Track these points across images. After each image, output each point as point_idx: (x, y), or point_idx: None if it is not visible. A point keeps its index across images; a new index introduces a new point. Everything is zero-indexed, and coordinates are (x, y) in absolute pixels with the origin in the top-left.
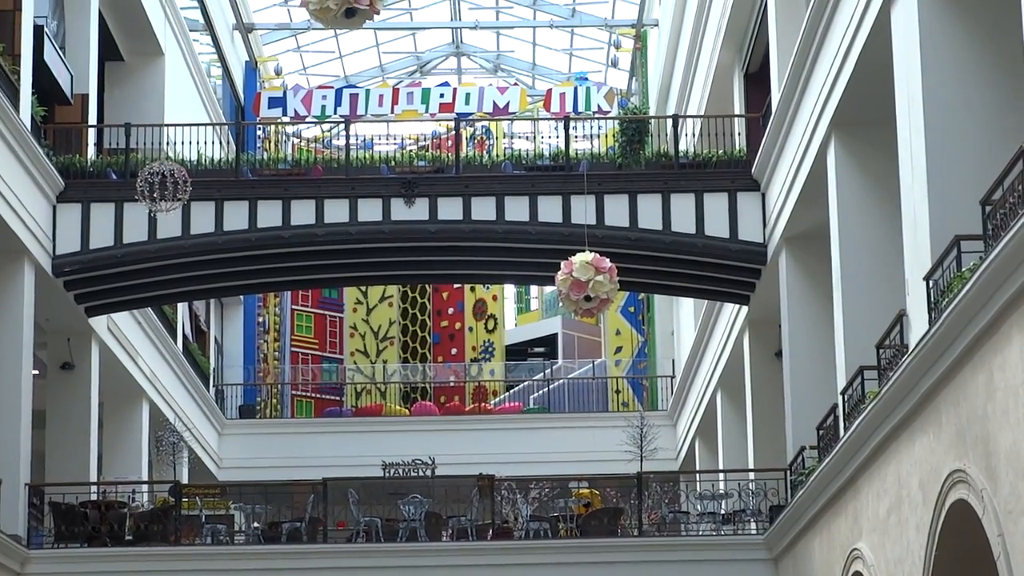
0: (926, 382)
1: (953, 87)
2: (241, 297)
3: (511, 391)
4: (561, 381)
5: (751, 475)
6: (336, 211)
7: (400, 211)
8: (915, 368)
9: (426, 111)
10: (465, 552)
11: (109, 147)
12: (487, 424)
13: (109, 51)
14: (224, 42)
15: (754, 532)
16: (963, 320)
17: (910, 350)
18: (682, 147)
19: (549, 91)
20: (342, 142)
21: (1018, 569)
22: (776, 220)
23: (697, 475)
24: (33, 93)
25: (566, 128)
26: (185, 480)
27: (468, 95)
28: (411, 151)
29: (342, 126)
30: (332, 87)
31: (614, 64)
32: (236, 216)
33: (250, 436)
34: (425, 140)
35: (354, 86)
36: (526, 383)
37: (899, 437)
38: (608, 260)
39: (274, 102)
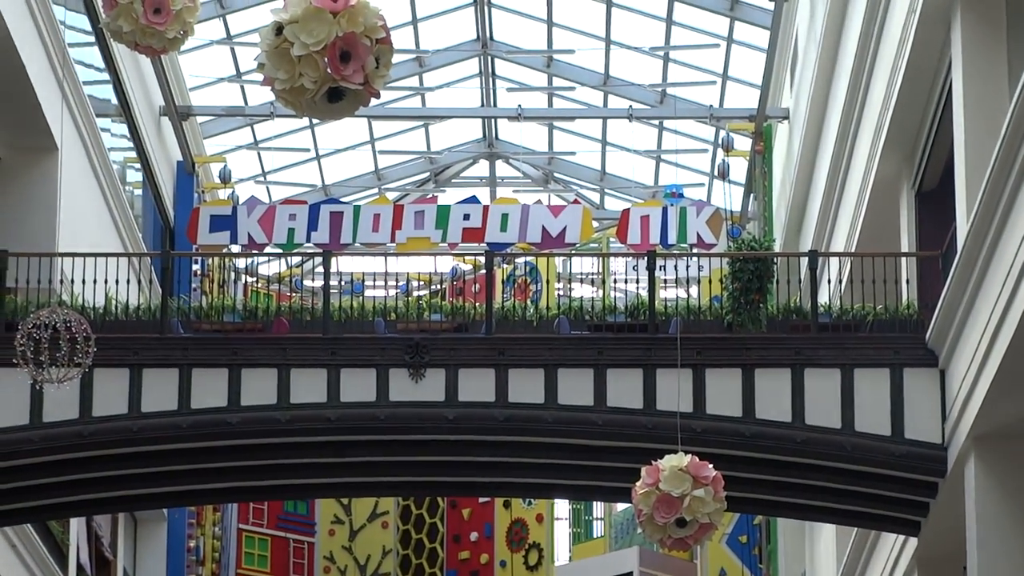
0: None
1: None
2: (164, 511)
3: None
4: None
5: None
6: (309, 386)
7: (403, 388)
8: None
9: (443, 240)
10: None
11: None
12: None
13: None
14: (148, 133)
15: None
16: None
17: None
18: (823, 299)
19: (626, 212)
20: (319, 283)
21: None
22: (963, 410)
23: None
24: None
25: (651, 269)
26: None
27: (505, 217)
28: (420, 299)
29: (319, 260)
30: (305, 202)
31: (723, 175)
32: (161, 391)
33: None
34: (441, 282)
35: (337, 200)
36: None
37: None
38: (711, 466)
39: (219, 223)
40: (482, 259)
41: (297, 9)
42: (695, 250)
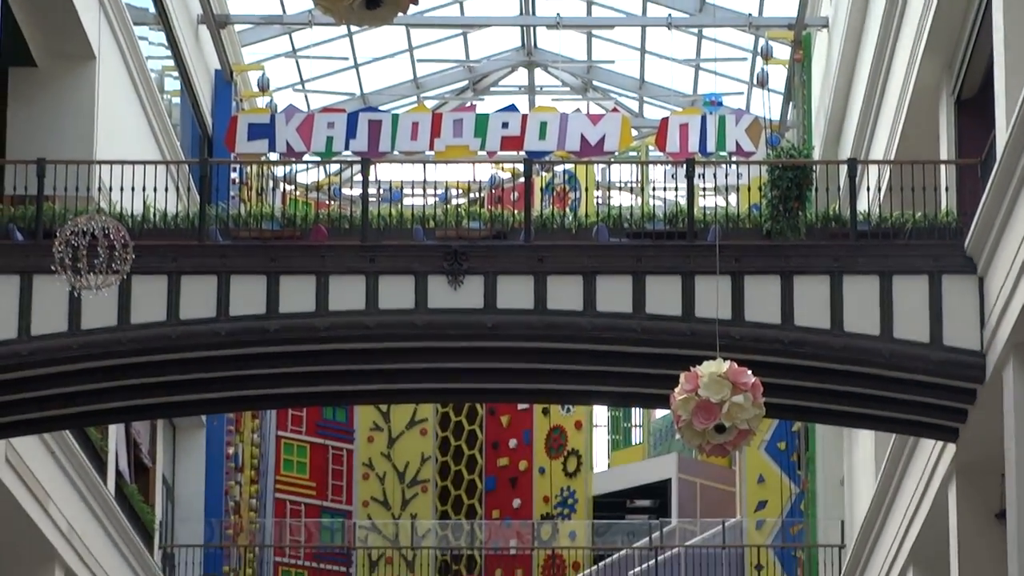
0: None
1: None
2: (203, 418)
3: (602, 563)
4: (676, 550)
5: None
6: (347, 294)
7: (442, 295)
8: None
9: (482, 148)
10: None
11: (13, 193)
12: None
13: (15, 52)
14: (185, 42)
15: None
16: None
17: None
18: (862, 207)
19: (664, 121)
20: (357, 191)
21: None
22: (1001, 317)
23: None
24: None
25: (690, 176)
26: None
27: (544, 125)
28: (459, 207)
29: (357, 168)
30: (343, 110)
31: (762, 83)
32: (199, 299)
33: None
34: (480, 190)
35: (375, 109)
36: (623, 552)
37: None
38: (750, 373)
39: (257, 131)
40: (520, 167)
41: None
42: (734, 158)
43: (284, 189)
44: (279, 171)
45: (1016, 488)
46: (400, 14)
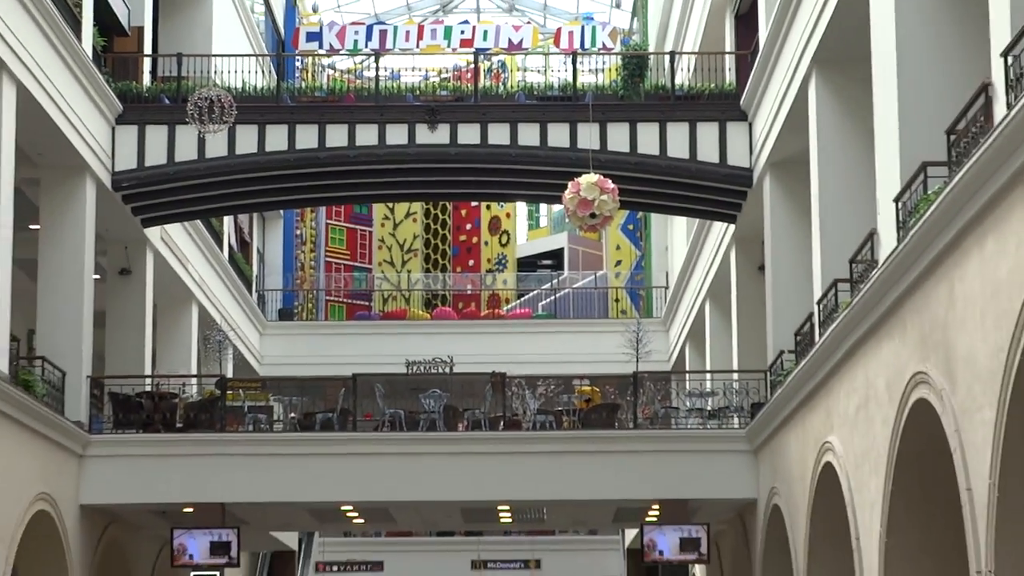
0: (893, 293)
1: (924, 27)
2: (281, 212)
3: (522, 299)
4: (567, 290)
5: (735, 376)
6: (366, 135)
7: (424, 135)
8: (884, 281)
9: (448, 46)
10: (479, 441)
11: (162, 75)
12: (500, 328)
13: None
14: None
15: (736, 427)
16: (928, 238)
17: (880, 264)
18: (678, 81)
19: (559, 29)
20: (372, 73)
21: (972, 461)
22: (762, 147)
23: (687, 375)
24: (94, 25)
25: (573, 63)
26: (230, 374)
27: (486, 32)
28: (434, 82)
29: (372, 59)
30: (363, 24)
31: (617, 5)
32: (276, 138)
33: (287, 336)
34: (447, 72)
35: (383, 23)
36: (535, 292)
37: (868, 342)
38: (611, 182)
39: (311, 36)
40: (471, 58)
41: None
42: (601, 51)
43: (328, 72)
44: (325, 61)
45: (771, 250)
46: None
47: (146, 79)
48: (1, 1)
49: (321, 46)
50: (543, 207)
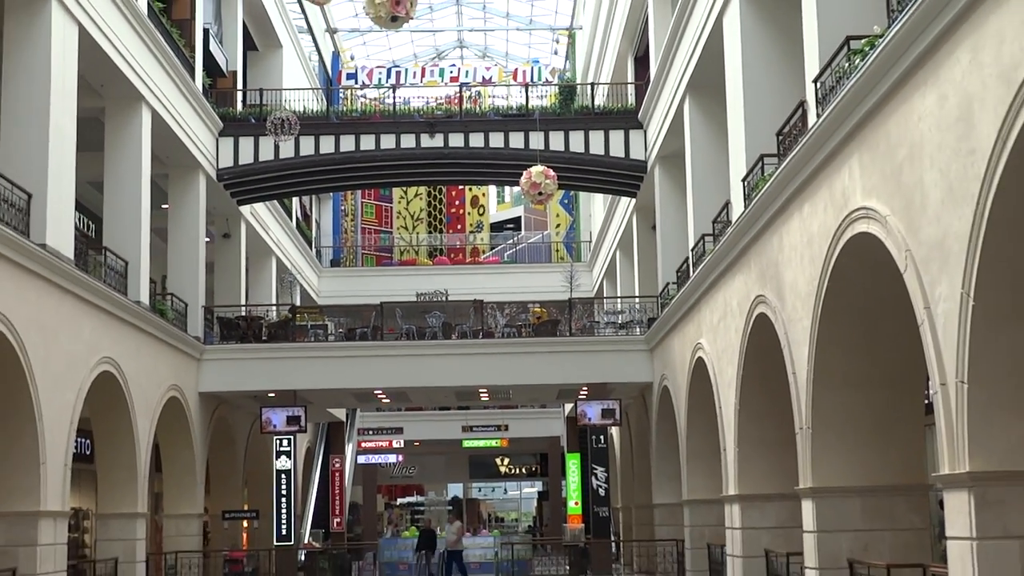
0: (742, 242)
1: (760, 61)
2: (331, 194)
3: (493, 250)
4: (523, 245)
5: (636, 300)
6: (387, 141)
7: (426, 141)
8: (735, 234)
9: (442, 81)
10: (466, 346)
11: (250, 103)
12: (479, 270)
13: (249, 43)
14: (319, 38)
15: (638, 334)
16: (764, 205)
17: (732, 223)
18: (597, 102)
19: (516, 69)
20: (391, 100)
21: (795, 354)
22: (653, 146)
23: (604, 300)
24: (203, 69)
25: (526, 91)
26: (298, 303)
27: (468, 71)
28: (433, 105)
29: (391, 90)
30: (385, 67)
31: (555, 52)
32: (327, 145)
33: (337, 278)
34: (442, 99)
35: (398, 66)
36: (502, 246)
37: (725, 276)
38: (552, 171)
39: (350, 76)
40: (458, 88)
41: None
42: (545, 83)
43: (361, 99)
44: (359, 92)
45: (660, 215)
46: (406, 24)
47: (239, 106)
48: (141, 54)
49: (356, 82)
50: (507, 189)
